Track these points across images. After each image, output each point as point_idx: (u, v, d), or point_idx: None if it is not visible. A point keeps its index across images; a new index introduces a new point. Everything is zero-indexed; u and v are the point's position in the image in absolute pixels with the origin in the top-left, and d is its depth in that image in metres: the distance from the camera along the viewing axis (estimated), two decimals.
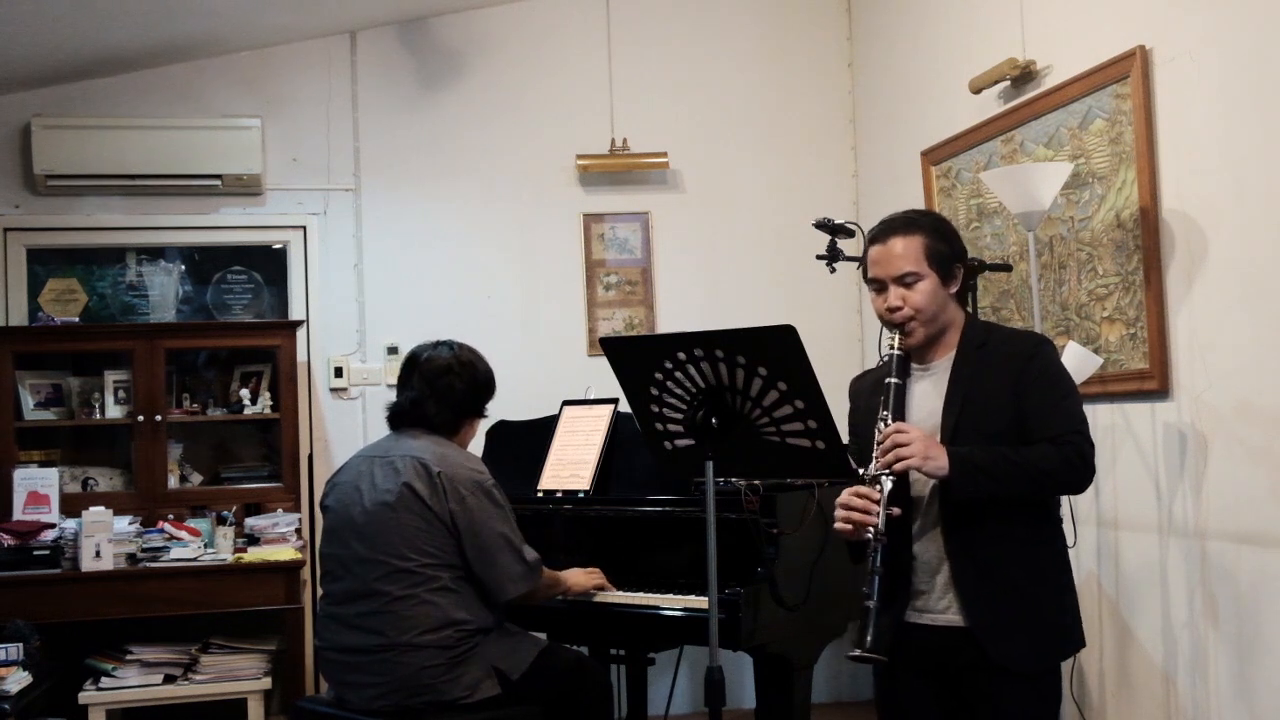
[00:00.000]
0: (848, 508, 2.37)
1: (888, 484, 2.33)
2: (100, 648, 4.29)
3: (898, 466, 2.32)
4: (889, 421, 2.38)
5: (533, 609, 3.31)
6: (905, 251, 2.43)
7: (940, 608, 2.43)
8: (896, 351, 2.45)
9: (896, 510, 2.35)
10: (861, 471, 2.40)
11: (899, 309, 2.44)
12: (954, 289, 2.49)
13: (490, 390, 3.23)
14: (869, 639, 2.26)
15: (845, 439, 2.55)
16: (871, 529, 2.32)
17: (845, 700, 5.19)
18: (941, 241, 2.46)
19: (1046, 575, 2.43)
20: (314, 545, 4.60)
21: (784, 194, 5.27)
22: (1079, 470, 2.36)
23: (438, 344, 3.22)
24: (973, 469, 2.31)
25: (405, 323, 5.02)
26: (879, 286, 2.47)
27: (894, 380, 2.42)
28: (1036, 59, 3.91)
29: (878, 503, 2.32)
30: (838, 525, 2.41)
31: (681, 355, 2.39)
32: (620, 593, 3.31)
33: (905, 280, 2.43)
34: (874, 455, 2.36)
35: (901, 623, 2.48)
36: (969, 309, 2.62)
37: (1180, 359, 3.29)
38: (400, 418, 3.16)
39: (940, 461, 2.31)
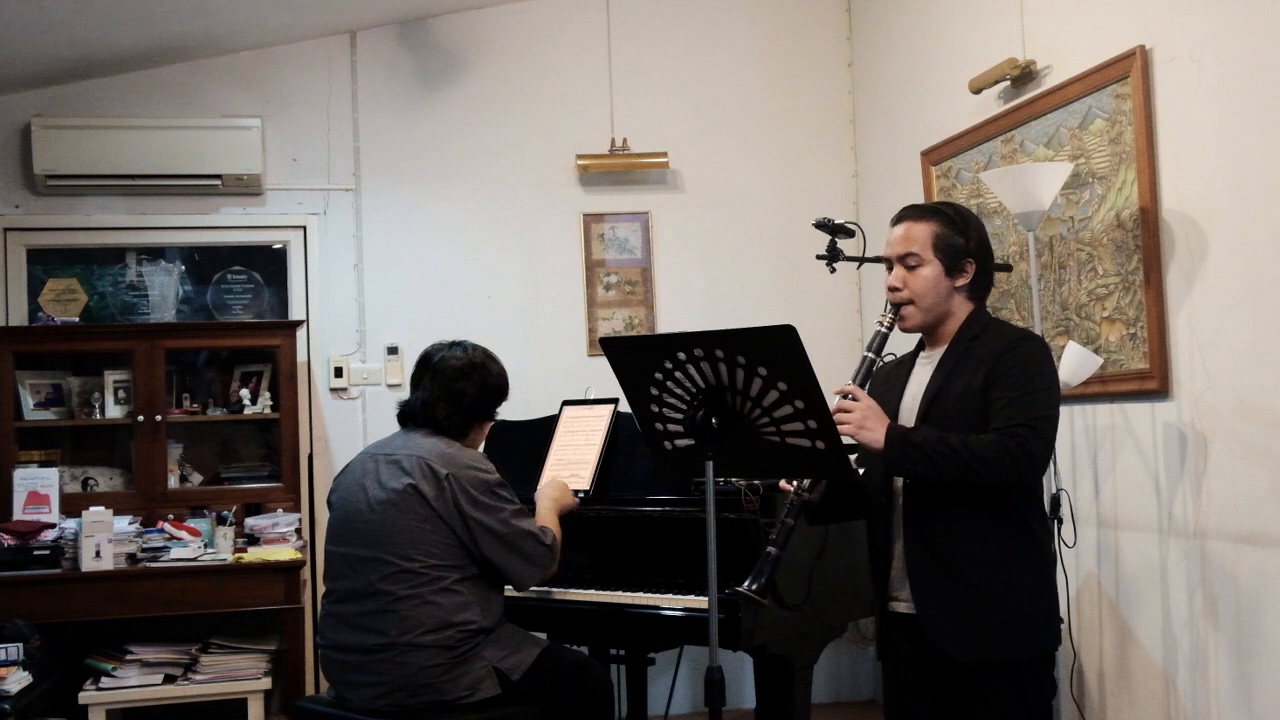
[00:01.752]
0: None
1: (820, 445, 2.36)
2: (100, 648, 4.29)
3: None
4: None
5: (533, 609, 3.32)
6: (914, 235, 2.51)
7: (907, 596, 2.49)
8: (883, 329, 2.53)
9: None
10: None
11: (898, 290, 2.52)
12: (961, 283, 2.52)
13: (502, 395, 3.22)
14: (760, 581, 2.38)
15: None
16: (795, 483, 2.44)
17: (845, 700, 5.19)
18: (956, 234, 2.50)
19: (1004, 569, 2.42)
20: (314, 545, 4.61)
21: (784, 194, 5.28)
22: (1017, 463, 2.33)
23: (452, 345, 3.21)
24: (908, 446, 2.35)
25: (405, 323, 5.02)
26: (889, 265, 2.56)
27: (868, 354, 2.52)
28: (1036, 59, 3.91)
29: None
30: (782, 483, 2.54)
31: (681, 355, 2.39)
32: (620, 593, 3.31)
33: (907, 262, 2.50)
34: None
35: (884, 611, 2.55)
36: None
37: (1180, 359, 3.29)
38: (410, 417, 3.16)
39: (876, 434, 2.37)
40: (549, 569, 3.11)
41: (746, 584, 2.37)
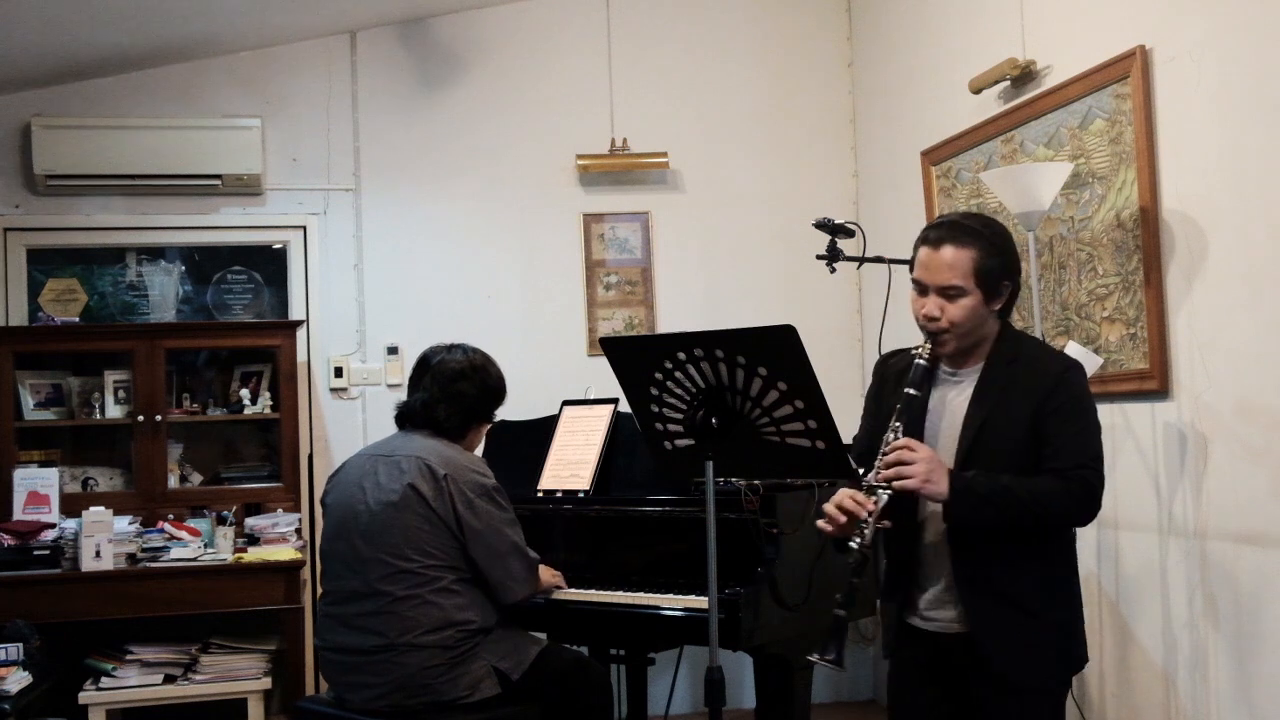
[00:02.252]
0: (841, 509, 2.35)
1: (884, 497, 2.31)
2: (100, 648, 4.29)
3: (897, 485, 2.30)
4: (899, 434, 2.35)
5: (533, 609, 3.32)
6: (954, 263, 2.36)
7: (944, 616, 2.43)
8: (922, 363, 2.40)
9: (887, 523, 2.33)
10: (862, 473, 2.39)
11: (936, 319, 2.39)
12: (998, 306, 2.43)
13: (500, 397, 3.24)
14: (832, 653, 2.28)
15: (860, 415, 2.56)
16: (856, 540, 2.31)
17: (845, 700, 5.19)
18: (994, 257, 2.38)
19: (1052, 591, 2.41)
20: (314, 545, 4.61)
21: (784, 194, 5.27)
22: (1083, 505, 2.34)
23: (452, 347, 3.22)
24: (973, 498, 2.29)
25: (405, 323, 5.02)
26: (921, 289, 2.42)
27: (912, 391, 2.39)
28: (1036, 59, 3.91)
29: (870, 514, 2.30)
30: (820, 523, 2.39)
31: (681, 355, 2.39)
32: (620, 593, 3.31)
33: (948, 293, 2.37)
34: (877, 464, 2.34)
35: (904, 622, 2.48)
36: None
37: (1180, 359, 3.29)
38: (409, 418, 3.16)
39: (940, 487, 2.28)
40: (527, 591, 3.10)
41: (819, 655, 2.27)
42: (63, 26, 4.33)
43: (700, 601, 3.09)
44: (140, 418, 4.56)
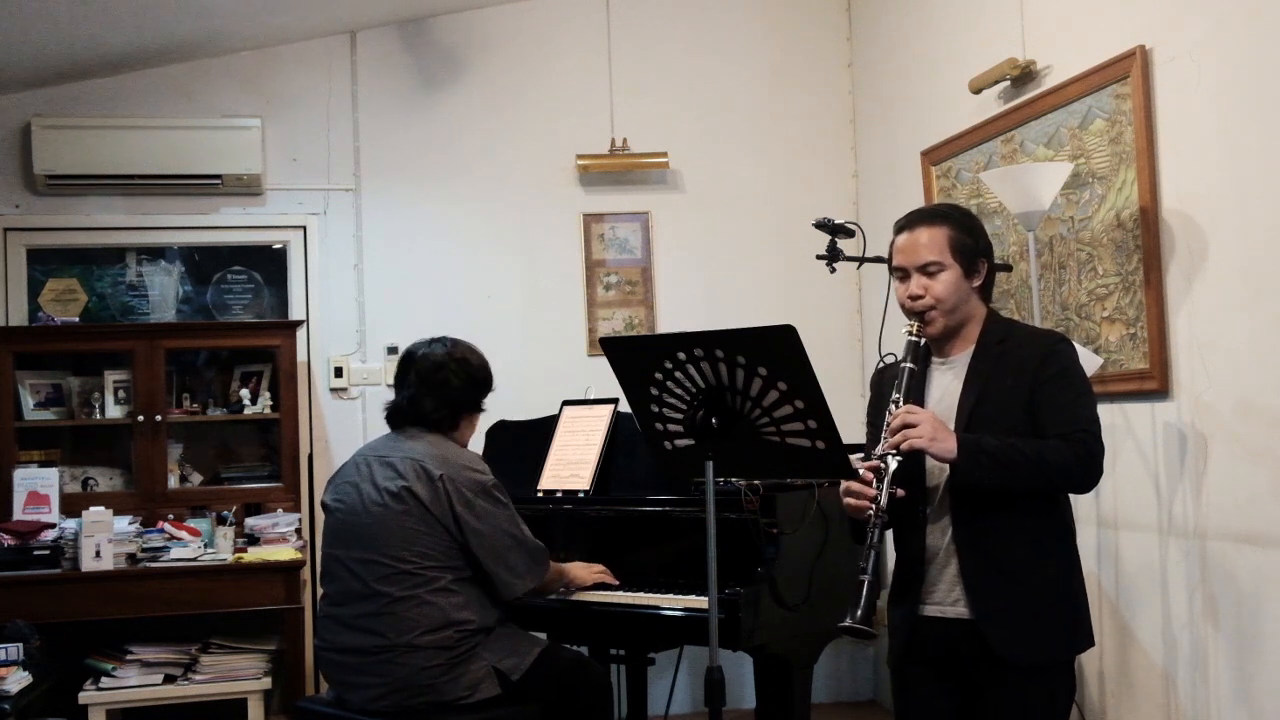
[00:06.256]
0: (857, 483, 2.40)
1: (892, 463, 2.35)
2: (100, 648, 4.29)
3: (905, 446, 2.33)
4: (900, 404, 2.40)
5: (532, 609, 3.32)
6: (930, 241, 2.46)
7: (950, 600, 2.44)
8: (914, 338, 2.47)
9: (900, 490, 2.36)
10: (873, 452, 2.42)
11: (920, 297, 2.46)
12: (977, 283, 2.50)
13: (487, 384, 3.23)
14: (859, 612, 2.29)
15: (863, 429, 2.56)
16: (872, 505, 2.35)
17: (845, 700, 5.19)
18: (967, 235, 2.49)
19: (1054, 571, 2.43)
20: (314, 545, 4.61)
21: (784, 194, 5.28)
22: (1086, 468, 2.37)
23: (432, 341, 3.23)
24: (980, 455, 2.32)
25: (405, 323, 5.01)
26: (903, 275, 2.50)
27: (909, 365, 2.45)
28: (1036, 59, 3.91)
29: (883, 478, 2.35)
30: (846, 501, 2.43)
31: (681, 355, 2.40)
32: (620, 593, 3.31)
33: (928, 269, 2.46)
34: (883, 435, 2.39)
35: (915, 616, 2.48)
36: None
37: (1180, 359, 3.29)
38: (399, 416, 3.17)
39: (948, 444, 2.32)
40: (532, 584, 3.09)
41: (848, 620, 2.27)
42: (63, 26, 4.33)
43: (700, 601, 3.09)
44: (140, 418, 4.56)
